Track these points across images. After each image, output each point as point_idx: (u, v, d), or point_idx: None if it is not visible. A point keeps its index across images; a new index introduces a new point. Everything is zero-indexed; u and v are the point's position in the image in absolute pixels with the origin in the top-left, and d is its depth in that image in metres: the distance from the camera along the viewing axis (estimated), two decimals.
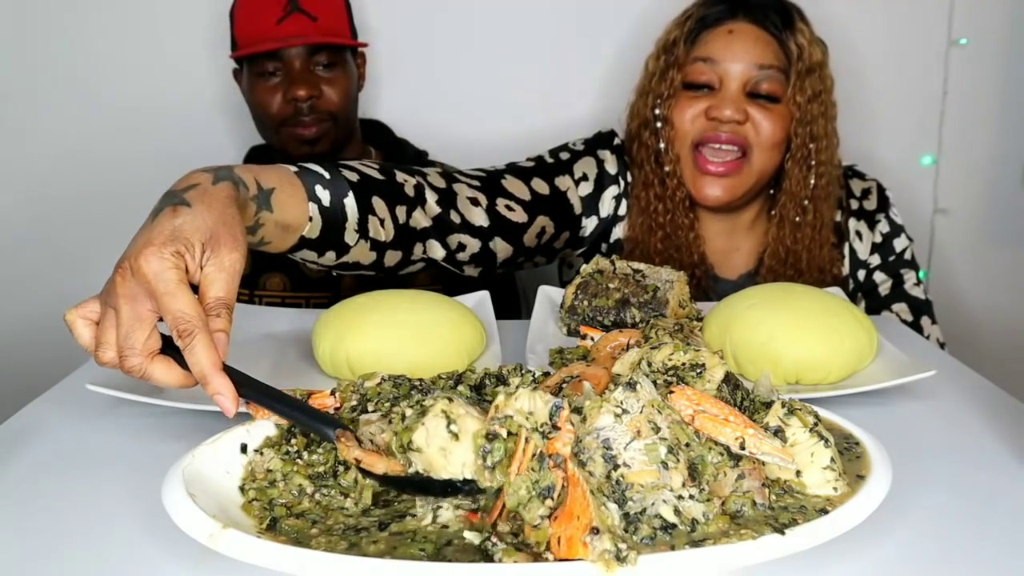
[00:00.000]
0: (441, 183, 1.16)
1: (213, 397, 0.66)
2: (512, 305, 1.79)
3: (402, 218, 1.08)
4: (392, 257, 1.09)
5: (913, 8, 1.82)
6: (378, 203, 1.03)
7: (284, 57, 1.52)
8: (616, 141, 1.47)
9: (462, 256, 1.19)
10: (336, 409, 0.70)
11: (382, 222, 1.04)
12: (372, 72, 1.77)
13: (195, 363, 0.66)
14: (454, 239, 1.17)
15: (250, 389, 0.67)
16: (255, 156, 1.71)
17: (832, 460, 0.61)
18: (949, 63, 1.85)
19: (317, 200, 0.95)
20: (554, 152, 1.42)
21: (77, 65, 1.81)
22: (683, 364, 0.69)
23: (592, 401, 0.58)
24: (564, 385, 0.65)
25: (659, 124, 1.40)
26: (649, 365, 0.70)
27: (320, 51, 1.54)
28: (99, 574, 0.60)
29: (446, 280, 1.69)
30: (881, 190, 1.49)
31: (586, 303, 1.09)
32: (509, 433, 0.55)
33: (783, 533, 0.53)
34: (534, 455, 0.54)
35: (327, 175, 0.98)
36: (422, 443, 0.58)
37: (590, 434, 0.56)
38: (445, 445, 0.57)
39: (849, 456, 0.65)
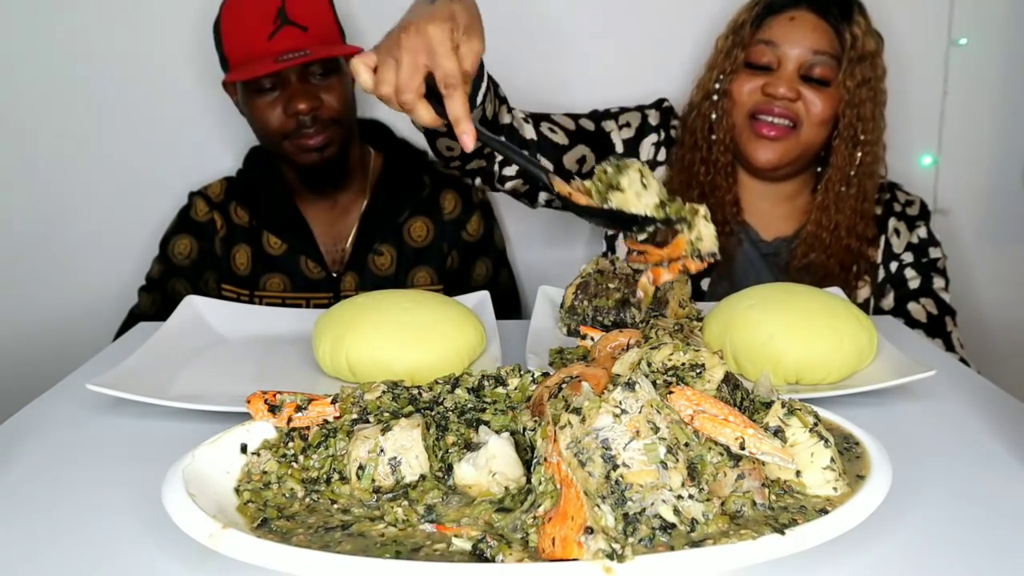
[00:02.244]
0: (502, 91, 1.30)
1: (460, 136, 0.93)
2: (512, 305, 1.80)
3: (496, 107, 1.23)
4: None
5: (913, 8, 1.82)
6: (489, 86, 1.19)
7: (281, 72, 1.50)
8: (665, 104, 1.64)
9: (509, 171, 1.36)
10: (336, 418, 0.70)
11: (490, 101, 1.19)
12: None
13: (452, 109, 0.93)
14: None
15: (485, 136, 0.96)
16: (255, 157, 1.70)
17: (832, 460, 0.61)
18: (949, 63, 1.85)
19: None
20: (607, 108, 1.61)
21: (77, 69, 1.81)
22: (683, 364, 0.69)
23: (591, 401, 0.58)
24: (563, 385, 0.65)
25: (716, 97, 1.53)
26: (649, 365, 0.70)
27: (315, 61, 1.52)
28: (99, 574, 0.60)
29: (447, 281, 1.69)
30: (924, 205, 1.60)
31: (586, 303, 1.09)
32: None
33: (783, 533, 0.53)
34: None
35: None
36: (625, 185, 0.91)
37: (589, 434, 0.56)
38: (639, 191, 0.91)
39: (849, 456, 0.65)
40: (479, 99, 1.12)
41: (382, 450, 0.63)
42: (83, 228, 1.88)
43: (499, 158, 1.33)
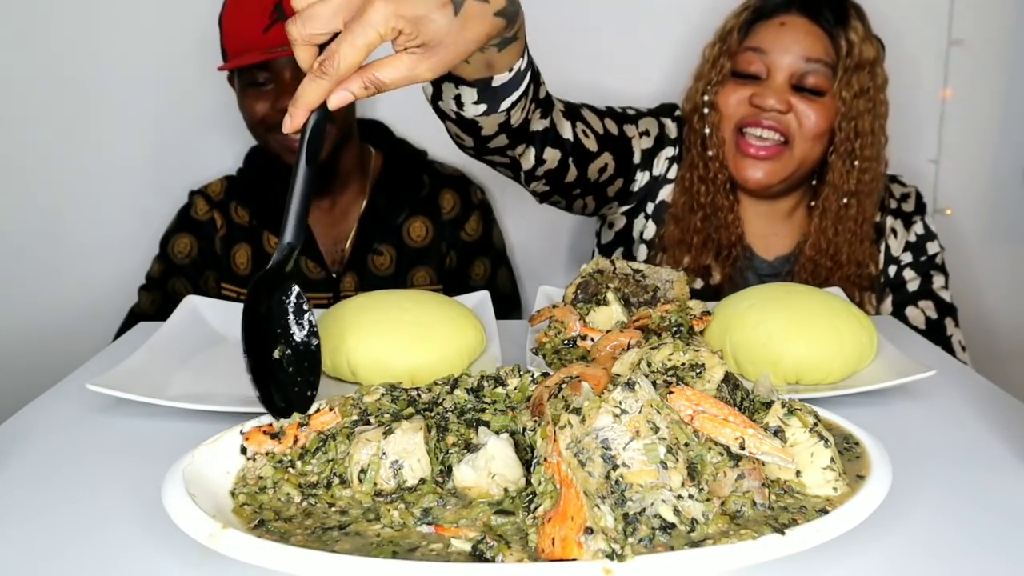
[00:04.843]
0: (542, 93, 1.16)
1: (289, 109, 0.72)
2: (512, 305, 1.80)
3: (529, 114, 1.08)
4: (499, 142, 1.09)
5: (913, 8, 1.82)
6: (531, 92, 1.03)
7: (273, 67, 1.50)
8: (677, 112, 1.53)
9: (540, 171, 1.21)
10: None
11: (523, 109, 1.04)
12: None
13: (303, 89, 0.71)
14: (546, 152, 1.19)
15: (305, 147, 0.72)
16: (255, 157, 1.70)
17: (832, 460, 0.61)
18: (949, 63, 1.85)
19: (527, 61, 0.97)
20: (622, 107, 1.47)
21: (78, 68, 1.81)
22: (683, 364, 0.69)
23: (591, 401, 0.58)
24: (563, 385, 0.65)
25: (706, 110, 1.44)
26: (649, 365, 0.70)
27: None
28: (99, 574, 0.60)
29: (446, 281, 1.69)
30: (919, 196, 1.54)
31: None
32: None
33: (783, 533, 0.53)
34: None
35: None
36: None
37: (589, 434, 0.56)
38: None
39: (849, 456, 0.65)
40: (506, 104, 0.98)
41: (384, 453, 0.63)
42: (83, 228, 1.88)
43: (522, 150, 1.15)
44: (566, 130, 1.22)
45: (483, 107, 0.98)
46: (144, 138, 1.85)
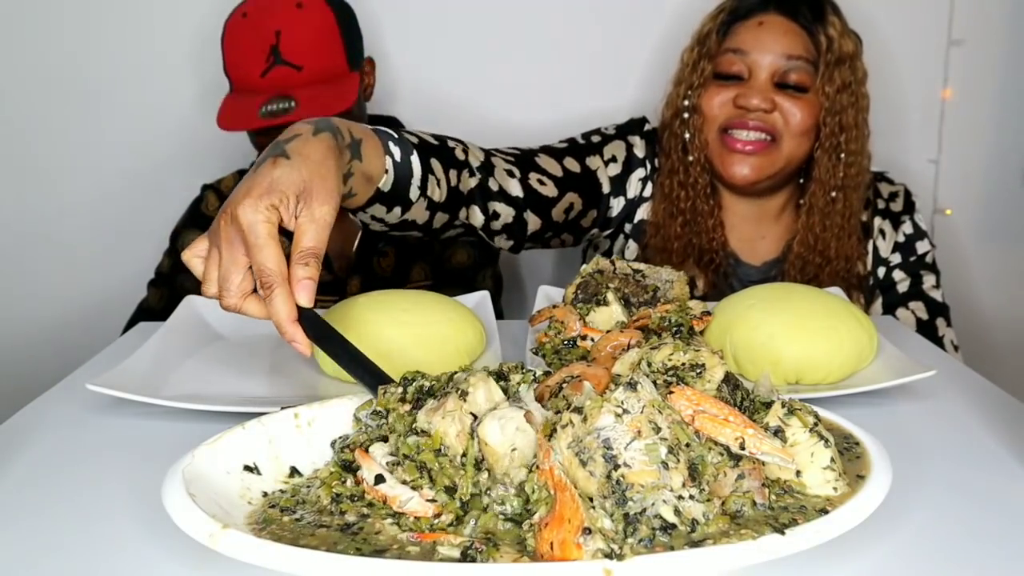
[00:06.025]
0: (481, 155, 1.20)
1: (289, 343, 0.75)
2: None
3: (453, 181, 1.11)
4: (440, 219, 1.12)
5: (913, 8, 1.82)
6: (435, 164, 1.06)
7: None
8: (647, 127, 1.52)
9: (496, 225, 1.23)
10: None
11: (438, 182, 1.07)
12: (388, 74, 1.76)
13: (273, 313, 0.75)
14: (491, 206, 1.21)
15: (325, 340, 0.76)
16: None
17: (832, 460, 0.61)
18: (949, 63, 1.85)
19: (391, 154, 0.98)
20: (586, 135, 1.47)
21: (86, 62, 1.81)
22: (683, 364, 0.69)
23: (593, 401, 0.58)
24: (564, 385, 0.65)
25: (687, 114, 1.44)
26: (649, 365, 0.70)
27: None
28: (99, 574, 0.60)
29: (437, 278, 1.66)
30: (908, 195, 1.53)
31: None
32: None
33: (783, 533, 0.53)
34: None
35: (395, 135, 1.01)
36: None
37: (590, 434, 0.56)
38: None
39: (849, 456, 0.65)
40: (413, 193, 1.01)
41: (474, 418, 0.60)
42: (83, 230, 1.88)
43: (465, 213, 1.17)
44: (514, 187, 1.24)
45: (398, 208, 1.01)
46: (152, 134, 1.84)
